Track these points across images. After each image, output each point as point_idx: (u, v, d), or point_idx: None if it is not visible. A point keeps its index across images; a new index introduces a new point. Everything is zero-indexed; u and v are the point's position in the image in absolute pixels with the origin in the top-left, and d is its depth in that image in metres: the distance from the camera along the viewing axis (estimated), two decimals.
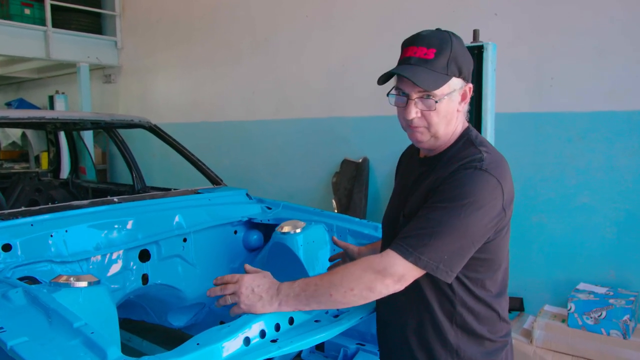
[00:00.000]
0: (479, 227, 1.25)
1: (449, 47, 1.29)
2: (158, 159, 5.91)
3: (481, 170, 1.25)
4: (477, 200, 1.23)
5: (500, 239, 1.33)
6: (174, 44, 6.15)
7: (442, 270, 1.23)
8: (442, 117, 1.32)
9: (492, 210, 1.26)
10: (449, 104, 1.32)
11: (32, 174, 4.40)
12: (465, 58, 1.33)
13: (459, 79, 1.32)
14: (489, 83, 2.75)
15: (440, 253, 1.22)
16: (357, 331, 2.31)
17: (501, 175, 1.28)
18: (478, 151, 1.31)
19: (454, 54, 1.30)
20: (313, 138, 4.84)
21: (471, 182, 1.24)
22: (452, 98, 1.32)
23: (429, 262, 1.22)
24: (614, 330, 2.86)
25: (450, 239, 1.23)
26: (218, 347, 1.19)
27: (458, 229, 1.22)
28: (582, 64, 3.34)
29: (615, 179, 3.26)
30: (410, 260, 1.22)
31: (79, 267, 2.10)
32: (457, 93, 1.34)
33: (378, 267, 1.24)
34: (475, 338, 1.36)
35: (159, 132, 3.35)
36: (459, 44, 1.32)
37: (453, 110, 1.34)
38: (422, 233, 1.23)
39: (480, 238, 1.27)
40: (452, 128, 1.36)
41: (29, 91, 8.70)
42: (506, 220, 1.32)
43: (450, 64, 1.29)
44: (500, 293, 1.41)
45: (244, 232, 2.86)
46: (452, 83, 1.31)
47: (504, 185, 1.27)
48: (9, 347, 1.16)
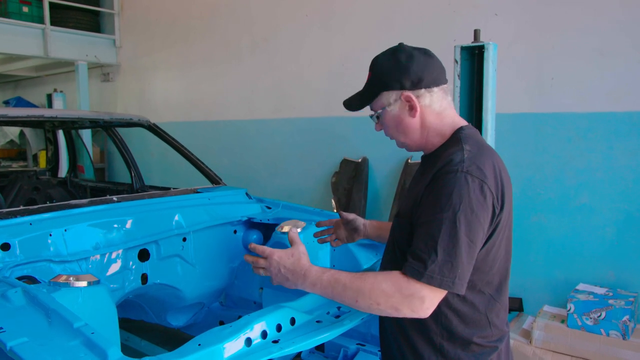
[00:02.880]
0: (477, 230, 1.25)
1: (375, 66, 1.43)
2: (156, 158, 5.90)
3: (463, 173, 1.26)
4: (467, 204, 1.23)
5: (494, 237, 1.32)
6: (172, 42, 6.14)
7: (457, 284, 1.24)
8: (392, 128, 1.44)
9: (485, 211, 1.26)
10: (391, 116, 1.42)
11: (30, 172, 4.39)
12: (392, 71, 1.38)
13: (389, 92, 1.40)
14: (490, 83, 2.74)
15: (455, 271, 1.23)
16: (358, 331, 2.30)
17: (483, 173, 1.27)
18: (460, 149, 1.32)
19: (378, 72, 1.41)
20: (312, 137, 4.84)
21: (457, 187, 1.24)
22: (390, 110, 1.41)
23: (445, 281, 1.23)
24: (613, 330, 2.86)
25: (456, 250, 1.23)
26: (219, 348, 1.18)
27: (459, 239, 1.22)
28: (582, 64, 3.34)
29: (615, 180, 3.26)
30: (434, 285, 1.22)
31: (78, 267, 2.09)
32: (396, 104, 1.40)
33: (406, 292, 1.24)
34: (460, 339, 1.36)
35: (158, 131, 3.34)
36: (386, 59, 1.41)
37: (402, 120, 1.41)
38: (430, 253, 1.23)
39: (481, 240, 1.28)
40: (417, 134, 1.42)
41: (27, 89, 8.68)
42: (502, 216, 1.32)
43: (376, 82, 1.41)
44: (494, 296, 1.39)
45: (244, 231, 2.85)
46: (382, 98, 1.41)
47: (488, 182, 1.27)
48: (8, 347, 1.16)
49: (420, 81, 1.37)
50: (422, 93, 1.38)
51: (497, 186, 1.30)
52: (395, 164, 4.23)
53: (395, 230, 1.43)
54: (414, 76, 1.37)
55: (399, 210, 1.44)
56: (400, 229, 1.40)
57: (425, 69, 1.38)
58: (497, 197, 1.29)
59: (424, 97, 1.39)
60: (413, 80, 1.37)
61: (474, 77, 2.82)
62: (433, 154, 1.43)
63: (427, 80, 1.38)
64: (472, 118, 2.83)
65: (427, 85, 1.38)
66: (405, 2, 4.14)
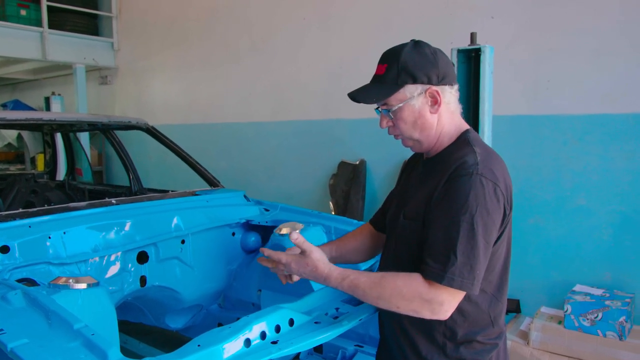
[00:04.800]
0: (493, 231, 1.29)
1: (397, 58, 1.36)
2: (154, 160, 5.90)
3: (478, 175, 1.28)
4: (483, 207, 1.26)
5: (501, 238, 1.35)
6: (170, 45, 6.15)
7: (475, 286, 1.26)
8: (409, 123, 1.39)
9: (498, 213, 1.30)
10: (411, 111, 1.37)
11: (28, 175, 4.39)
12: (421, 64, 1.36)
13: (415, 85, 1.36)
14: (486, 86, 2.75)
15: (474, 272, 1.25)
16: (356, 333, 2.31)
17: (495, 176, 1.30)
18: (472, 151, 1.34)
19: (403, 64, 1.35)
20: (310, 140, 4.85)
21: (473, 190, 1.26)
22: (412, 104, 1.37)
23: (466, 283, 1.25)
24: (610, 331, 2.87)
25: (474, 252, 1.25)
26: (219, 349, 1.19)
27: (477, 240, 1.25)
28: (578, 66, 3.36)
29: (611, 182, 3.28)
30: (455, 287, 1.24)
31: (77, 269, 2.09)
32: (419, 98, 1.37)
33: (427, 296, 1.26)
34: (463, 338, 1.38)
35: (156, 133, 3.34)
36: (411, 52, 1.37)
37: (422, 115, 1.38)
38: (449, 255, 1.25)
39: (493, 241, 1.31)
40: (433, 132, 1.40)
41: (25, 92, 8.67)
42: (508, 217, 1.35)
43: (401, 74, 1.35)
44: (496, 295, 1.41)
45: (242, 234, 2.85)
46: (406, 91, 1.36)
47: (500, 185, 1.30)
48: (9, 348, 1.16)
49: (444, 77, 1.38)
50: (446, 89, 1.39)
51: (507, 188, 1.33)
52: (393, 166, 4.24)
53: (406, 232, 1.42)
54: (441, 71, 1.37)
55: (406, 212, 1.43)
56: (410, 231, 1.40)
57: (447, 66, 1.39)
58: (507, 199, 1.32)
59: (446, 94, 1.39)
60: (439, 76, 1.37)
61: (471, 80, 2.83)
62: (439, 155, 1.42)
63: (449, 77, 1.39)
64: (469, 120, 2.84)
65: (450, 82, 1.39)
66: (403, 5, 4.16)
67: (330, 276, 1.37)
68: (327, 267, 1.39)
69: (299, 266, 1.42)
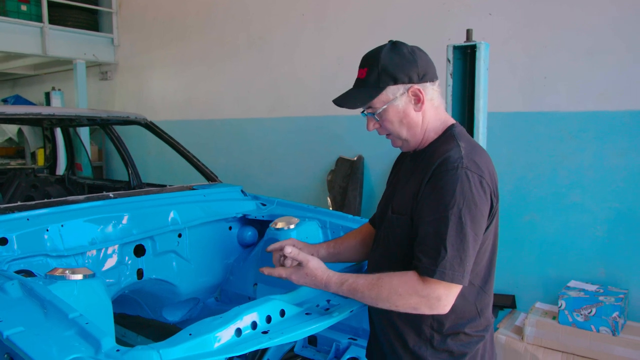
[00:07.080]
0: (481, 223, 1.32)
1: (376, 61, 1.39)
2: (153, 155, 5.92)
3: (463, 169, 1.30)
4: (470, 200, 1.28)
5: (488, 230, 1.38)
6: (169, 41, 6.17)
7: (465, 278, 1.29)
8: (395, 124, 1.42)
9: (485, 204, 1.32)
10: (396, 111, 1.41)
11: (28, 170, 4.41)
12: (401, 64, 1.38)
13: (397, 86, 1.39)
14: (481, 82, 2.77)
15: (464, 265, 1.28)
16: (349, 326, 2.34)
17: (480, 168, 1.33)
18: (456, 145, 1.37)
19: (383, 66, 1.38)
20: (308, 136, 4.86)
21: (459, 184, 1.29)
22: (396, 105, 1.40)
23: (457, 275, 1.27)
24: (603, 327, 2.90)
25: (464, 245, 1.28)
26: (210, 338, 1.21)
27: (466, 233, 1.28)
28: (574, 63, 3.37)
29: (606, 178, 3.29)
30: (447, 280, 1.27)
31: (75, 261, 2.12)
32: (402, 98, 1.39)
33: (423, 293, 1.29)
34: (451, 330, 1.40)
35: (155, 129, 3.36)
36: (390, 53, 1.39)
37: (407, 114, 1.41)
38: (439, 250, 1.27)
39: (482, 232, 1.34)
40: (419, 129, 1.43)
41: (25, 88, 8.69)
42: (495, 208, 1.38)
43: (382, 76, 1.39)
44: (483, 287, 1.44)
45: (239, 228, 2.87)
46: (388, 92, 1.39)
47: (486, 176, 1.33)
48: (5, 336, 1.19)
49: (425, 74, 1.40)
50: (427, 87, 1.41)
51: (492, 180, 1.36)
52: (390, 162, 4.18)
53: (394, 226, 1.45)
54: (421, 69, 1.39)
55: (393, 206, 1.45)
56: (399, 226, 1.43)
57: (427, 63, 1.42)
58: (493, 190, 1.35)
59: (428, 91, 1.42)
60: (419, 74, 1.39)
61: (467, 76, 2.85)
62: (425, 149, 1.45)
63: (430, 74, 1.42)
64: (464, 117, 2.86)
65: (430, 79, 1.42)
66: (400, 2, 4.17)
67: (329, 282, 1.40)
68: (326, 273, 1.42)
69: (299, 277, 1.45)
